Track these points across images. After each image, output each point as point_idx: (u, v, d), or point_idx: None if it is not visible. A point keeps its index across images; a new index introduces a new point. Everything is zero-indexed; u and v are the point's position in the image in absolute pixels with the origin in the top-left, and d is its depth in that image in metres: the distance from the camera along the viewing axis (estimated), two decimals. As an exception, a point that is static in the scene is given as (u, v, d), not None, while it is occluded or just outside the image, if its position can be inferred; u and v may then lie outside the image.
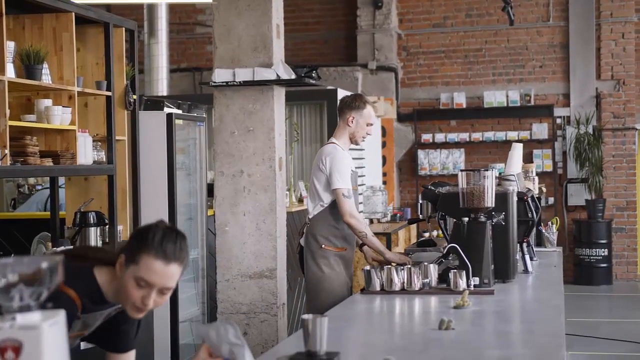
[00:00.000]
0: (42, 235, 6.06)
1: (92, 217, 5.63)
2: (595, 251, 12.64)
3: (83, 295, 2.79)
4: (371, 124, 5.53)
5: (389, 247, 9.09)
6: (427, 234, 10.79)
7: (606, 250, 12.67)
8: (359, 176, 9.92)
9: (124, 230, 6.06)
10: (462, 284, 4.37)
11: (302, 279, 5.76)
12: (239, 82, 5.80)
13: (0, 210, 8.22)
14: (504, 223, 4.72)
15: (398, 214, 11.06)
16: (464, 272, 4.40)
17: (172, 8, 13.21)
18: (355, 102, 5.52)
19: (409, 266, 4.53)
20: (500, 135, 13.11)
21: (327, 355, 2.87)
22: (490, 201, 4.59)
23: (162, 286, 2.74)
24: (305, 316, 2.83)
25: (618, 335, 9.04)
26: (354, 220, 5.30)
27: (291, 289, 7.60)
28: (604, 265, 12.69)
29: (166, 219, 6.50)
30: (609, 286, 12.64)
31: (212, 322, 5.64)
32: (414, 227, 11.26)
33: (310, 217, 5.52)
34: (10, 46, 4.93)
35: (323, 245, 5.43)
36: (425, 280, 4.47)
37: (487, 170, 4.62)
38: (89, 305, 2.82)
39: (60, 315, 1.86)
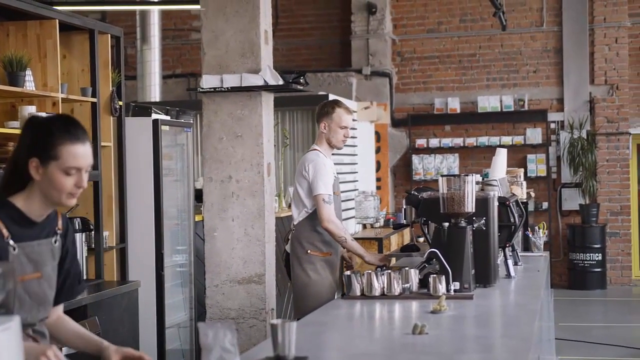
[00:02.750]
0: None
1: (77, 223, 5.65)
2: (590, 256, 12.64)
3: (8, 221, 2.81)
4: (345, 127, 5.54)
5: (380, 253, 9.10)
6: (421, 239, 10.77)
7: (600, 254, 12.67)
8: (347, 182, 10.00)
9: (109, 236, 6.08)
10: (442, 288, 4.37)
11: (291, 284, 5.79)
12: (227, 88, 5.82)
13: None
14: (484, 228, 4.73)
15: (391, 219, 11.05)
16: (444, 277, 4.41)
17: (167, 14, 13.25)
18: (324, 108, 5.59)
19: (389, 271, 4.54)
20: (495, 140, 13.11)
21: (295, 360, 2.89)
22: (470, 206, 4.59)
23: (87, 165, 2.86)
24: (274, 321, 2.86)
25: (611, 340, 9.04)
26: (332, 225, 5.33)
27: (280, 294, 7.60)
28: (598, 269, 12.69)
29: (153, 224, 6.52)
30: (603, 291, 12.65)
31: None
32: (407, 232, 11.26)
33: (295, 223, 5.56)
34: (-8, 53, 4.96)
35: (309, 251, 5.47)
36: (406, 285, 4.47)
37: (467, 175, 4.62)
38: (18, 230, 2.84)
39: (14, 321, 1.88)
